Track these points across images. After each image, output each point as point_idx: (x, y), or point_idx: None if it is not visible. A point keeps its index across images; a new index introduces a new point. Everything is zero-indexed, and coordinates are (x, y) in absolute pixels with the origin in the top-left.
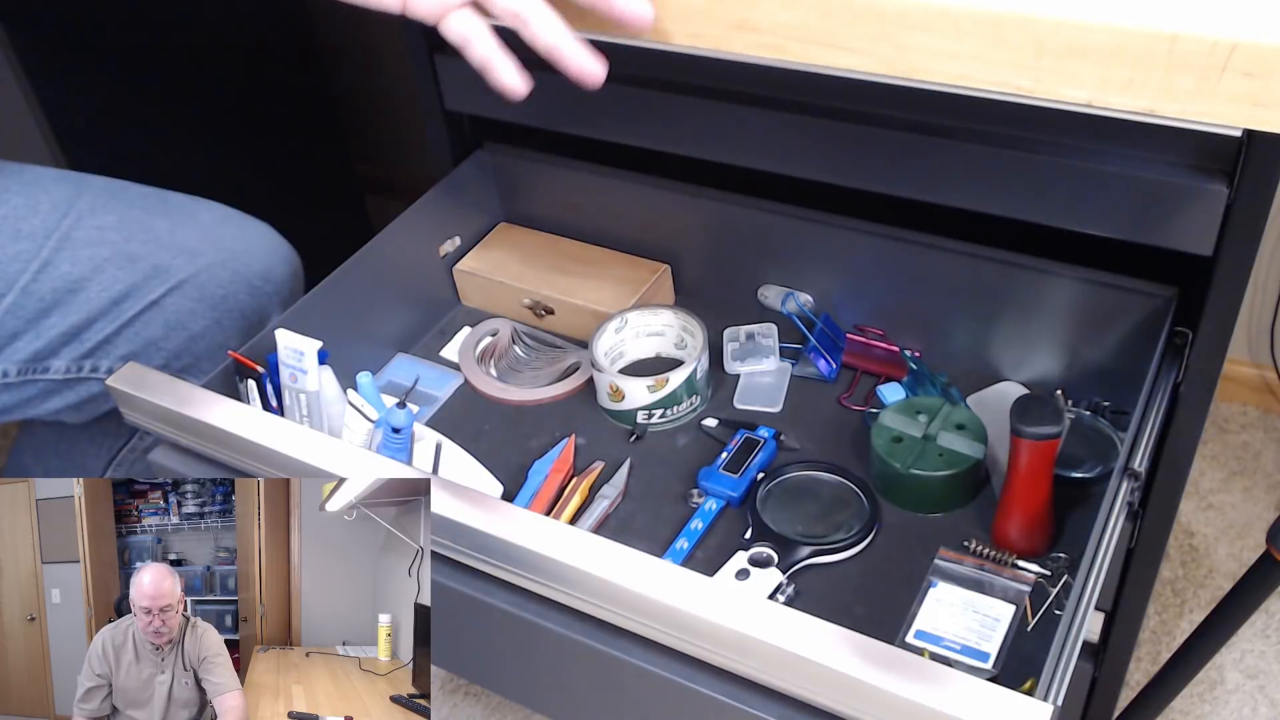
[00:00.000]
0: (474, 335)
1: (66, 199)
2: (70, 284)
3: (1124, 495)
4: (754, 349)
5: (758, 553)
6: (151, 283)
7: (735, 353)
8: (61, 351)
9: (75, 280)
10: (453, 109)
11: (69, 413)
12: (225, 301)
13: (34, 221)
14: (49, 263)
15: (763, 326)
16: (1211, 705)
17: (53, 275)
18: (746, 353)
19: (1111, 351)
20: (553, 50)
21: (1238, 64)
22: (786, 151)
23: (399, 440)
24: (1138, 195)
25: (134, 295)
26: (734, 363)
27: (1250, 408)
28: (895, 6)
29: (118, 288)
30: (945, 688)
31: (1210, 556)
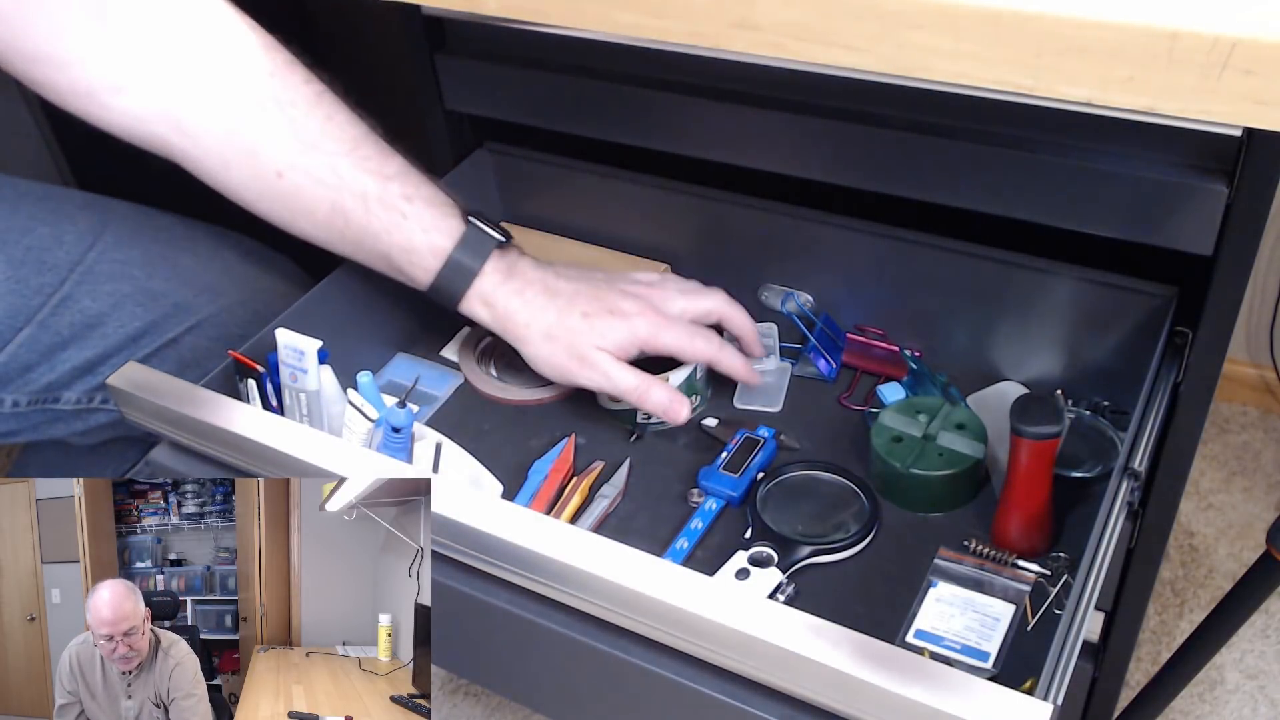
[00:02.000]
0: (474, 335)
1: (92, 230)
2: (89, 319)
3: (1124, 495)
4: None
5: (758, 552)
6: (170, 320)
7: None
8: (74, 384)
9: (95, 316)
10: (453, 109)
11: (76, 437)
12: (243, 341)
13: (58, 254)
14: (69, 297)
15: (763, 326)
16: (1211, 705)
17: (72, 310)
18: None
19: (1111, 351)
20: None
21: (1238, 61)
22: (786, 151)
23: (399, 440)
24: (1137, 195)
25: (152, 332)
26: None
27: (1250, 408)
28: (895, 5)
29: (136, 324)
30: (945, 687)
31: (1210, 556)
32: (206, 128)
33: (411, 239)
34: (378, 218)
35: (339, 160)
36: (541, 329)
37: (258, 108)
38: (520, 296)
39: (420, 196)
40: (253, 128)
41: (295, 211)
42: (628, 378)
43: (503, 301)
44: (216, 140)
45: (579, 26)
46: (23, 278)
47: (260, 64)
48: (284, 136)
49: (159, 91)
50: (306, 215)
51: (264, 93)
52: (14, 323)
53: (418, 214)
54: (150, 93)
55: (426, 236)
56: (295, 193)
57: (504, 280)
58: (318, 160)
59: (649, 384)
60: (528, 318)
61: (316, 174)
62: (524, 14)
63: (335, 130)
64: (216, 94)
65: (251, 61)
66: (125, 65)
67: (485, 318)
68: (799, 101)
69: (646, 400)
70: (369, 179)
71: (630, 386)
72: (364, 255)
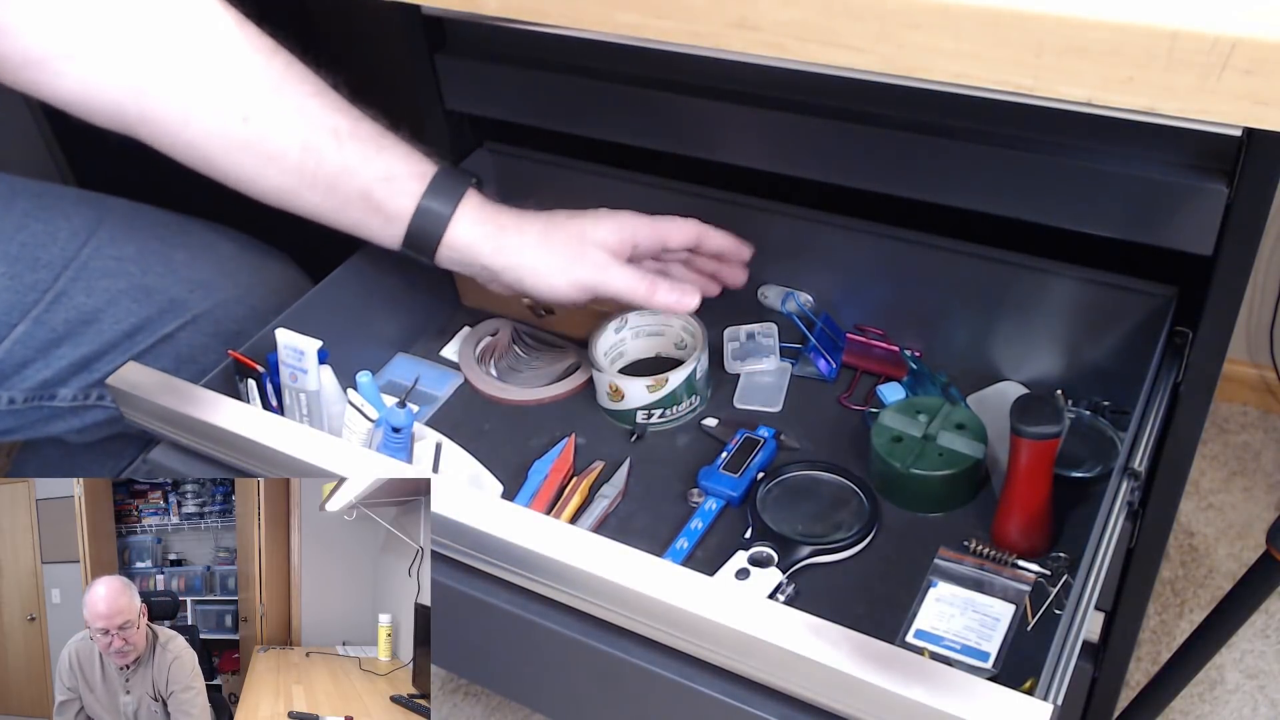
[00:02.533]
0: (474, 335)
1: (87, 226)
2: (84, 315)
3: (1124, 495)
4: (754, 349)
5: (758, 552)
6: (166, 316)
7: (735, 352)
8: (70, 381)
9: (90, 312)
10: (453, 109)
11: (73, 434)
12: (239, 337)
13: (53, 250)
14: (64, 293)
15: (763, 326)
16: (1211, 705)
17: (67, 306)
18: (746, 352)
19: (1111, 351)
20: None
21: (1238, 61)
22: (786, 151)
23: (399, 440)
24: (1137, 195)
25: (147, 328)
26: (734, 362)
27: (1250, 408)
28: (895, 4)
29: (131, 320)
30: (945, 687)
31: (1210, 556)
32: (167, 87)
33: (391, 166)
34: (353, 151)
35: (307, 101)
36: (536, 232)
37: (219, 59)
38: (509, 212)
39: (391, 134)
40: (215, 77)
41: (263, 158)
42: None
43: (492, 216)
44: (178, 97)
45: (579, 26)
46: (17, 274)
47: (218, 19)
48: (248, 81)
49: (115, 55)
50: (275, 161)
51: (224, 44)
52: (9, 319)
53: (394, 144)
54: (106, 57)
55: (407, 164)
56: (262, 138)
57: (488, 201)
58: (285, 101)
59: (653, 280)
60: (520, 224)
61: (285, 114)
62: (524, 14)
63: (299, 74)
64: (175, 53)
65: (208, 18)
66: (78, 30)
67: (474, 236)
68: (799, 101)
69: (654, 296)
70: (340, 116)
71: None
72: (337, 200)
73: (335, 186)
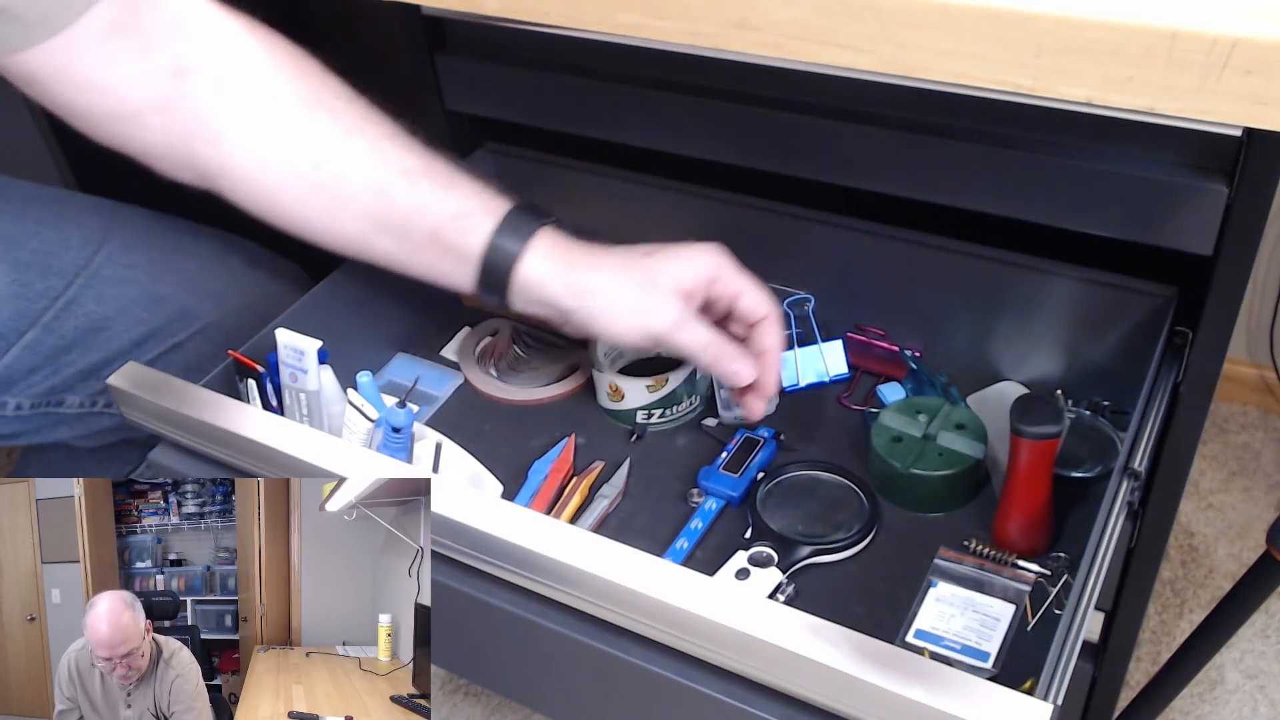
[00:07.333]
0: (474, 335)
1: (98, 235)
2: (94, 323)
3: (1124, 495)
4: None
5: (758, 552)
6: (175, 325)
7: None
8: (78, 388)
9: (99, 320)
10: (453, 109)
11: (79, 440)
12: None
13: (65, 257)
14: (74, 300)
15: None
16: (1211, 705)
17: (76, 314)
18: None
19: (1111, 351)
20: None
21: (1238, 61)
22: (787, 151)
23: (399, 440)
24: (1137, 195)
25: (156, 337)
26: None
27: (1250, 408)
28: (894, 4)
29: (141, 329)
30: (945, 687)
31: (1210, 556)
32: (242, 135)
33: (463, 204)
34: (424, 189)
35: (383, 143)
36: (610, 271)
37: (295, 108)
38: (585, 249)
39: (465, 173)
40: (290, 126)
41: (337, 201)
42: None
43: (565, 253)
44: (253, 144)
45: (579, 26)
46: (28, 281)
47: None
48: (323, 127)
49: (195, 105)
50: (348, 205)
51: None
52: (18, 326)
53: (466, 182)
54: (187, 107)
55: (478, 200)
56: (336, 181)
57: (564, 238)
58: (359, 144)
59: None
60: (594, 262)
61: (358, 158)
62: (524, 14)
63: (375, 118)
64: (251, 102)
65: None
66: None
67: (544, 274)
68: (799, 101)
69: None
70: (413, 157)
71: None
72: (410, 244)
73: (407, 230)
